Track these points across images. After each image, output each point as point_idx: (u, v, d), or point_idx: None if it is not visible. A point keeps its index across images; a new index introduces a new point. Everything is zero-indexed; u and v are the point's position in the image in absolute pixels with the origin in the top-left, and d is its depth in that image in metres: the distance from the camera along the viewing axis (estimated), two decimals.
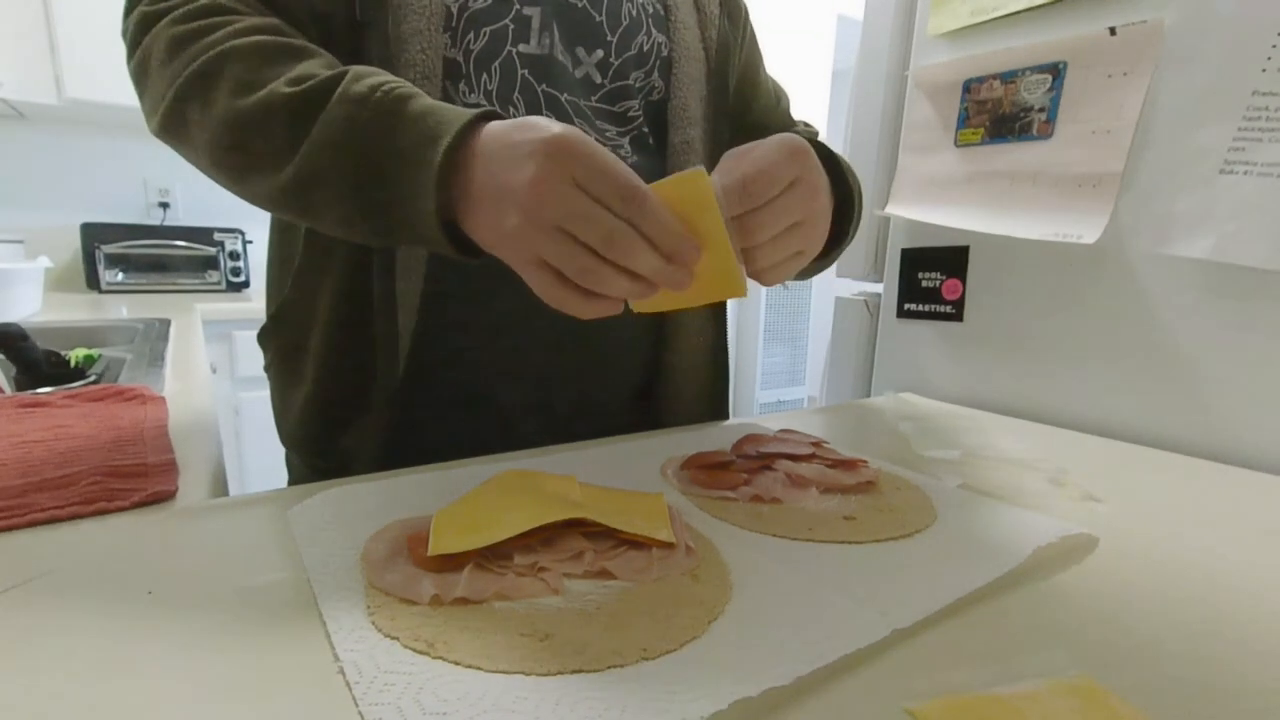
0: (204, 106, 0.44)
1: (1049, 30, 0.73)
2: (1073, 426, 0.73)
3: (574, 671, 0.26)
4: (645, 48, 0.59)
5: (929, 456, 0.60)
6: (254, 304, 1.78)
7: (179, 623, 0.30)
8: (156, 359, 0.95)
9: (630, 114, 0.58)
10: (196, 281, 1.98)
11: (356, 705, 0.24)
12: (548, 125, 0.37)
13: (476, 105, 0.51)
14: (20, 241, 1.75)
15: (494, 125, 0.39)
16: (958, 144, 0.82)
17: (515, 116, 0.49)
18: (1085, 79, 0.70)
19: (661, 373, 0.66)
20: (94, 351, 0.95)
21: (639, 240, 0.36)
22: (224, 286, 2.01)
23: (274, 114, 0.42)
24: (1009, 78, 0.76)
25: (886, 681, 0.28)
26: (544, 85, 0.54)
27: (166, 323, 1.30)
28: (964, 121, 0.81)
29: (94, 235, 1.85)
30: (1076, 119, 0.71)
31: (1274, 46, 0.58)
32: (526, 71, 0.53)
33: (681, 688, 0.25)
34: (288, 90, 0.41)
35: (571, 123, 0.54)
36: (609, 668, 0.27)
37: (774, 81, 0.78)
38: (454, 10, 0.50)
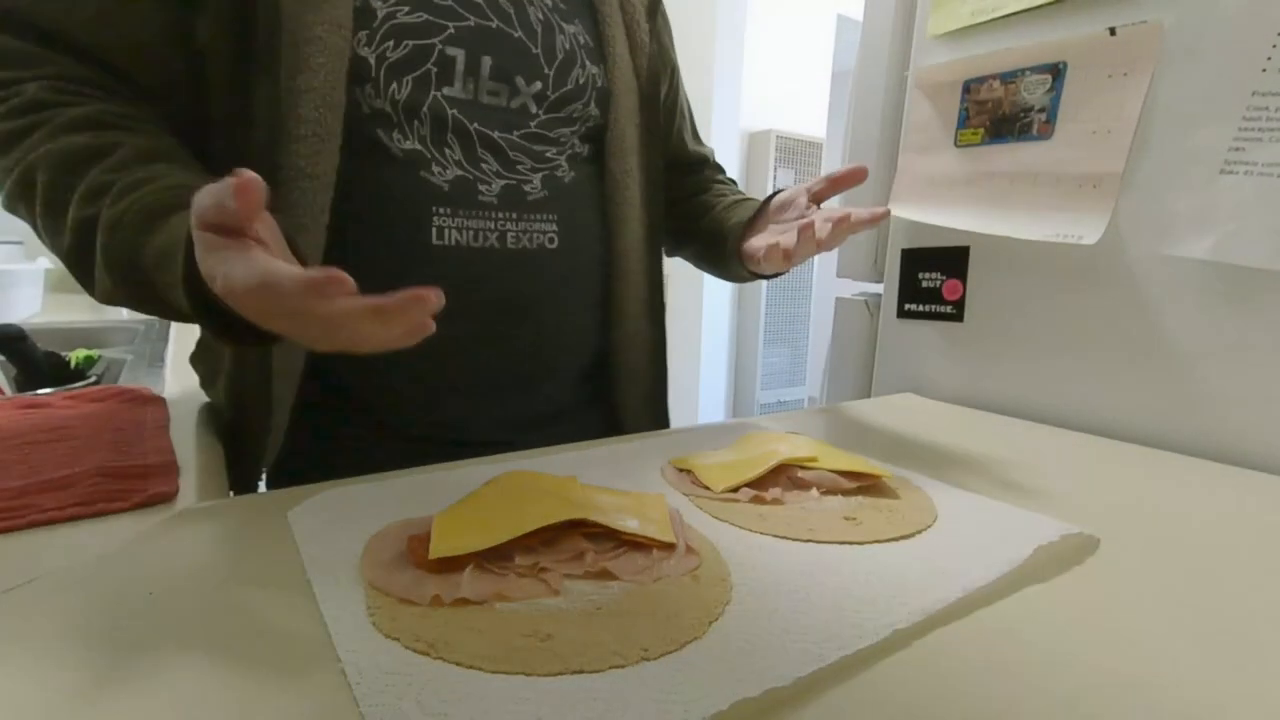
0: (30, 218, 0.47)
1: (1049, 30, 0.73)
2: (1073, 427, 0.73)
3: (575, 672, 0.26)
4: (581, 80, 0.60)
5: (929, 457, 0.60)
6: None
7: (179, 624, 0.29)
8: (157, 360, 0.95)
9: (564, 139, 0.60)
10: None
11: (357, 706, 0.24)
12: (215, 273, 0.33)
13: (413, 150, 0.53)
14: (20, 243, 1.75)
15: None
16: (958, 144, 0.82)
17: (452, 156, 0.54)
18: (1085, 79, 0.70)
19: (608, 364, 0.68)
20: (94, 352, 0.95)
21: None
22: None
23: (69, 251, 0.44)
24: (1009, 78, 0.76)
25: (887, 682, 0.28)
26: (475, 124, 0.55)
27: (167, 324, 1.30)
28: (964, 122, 0.81)
29: None
30: (1077, 119, 0.71)
31: (1274, 46, 0.58)
32: (455, 112, 0.54)
33: (682, 688, 0.25)
34: (76, 218, 0.43)
35: (507, 157, 0.56)
36: (610, 668, 0.27)
37: (687, 105, 0.81)
38: (372, 61, 0.50)
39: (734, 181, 0.84)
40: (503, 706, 0.24)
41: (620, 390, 0.69)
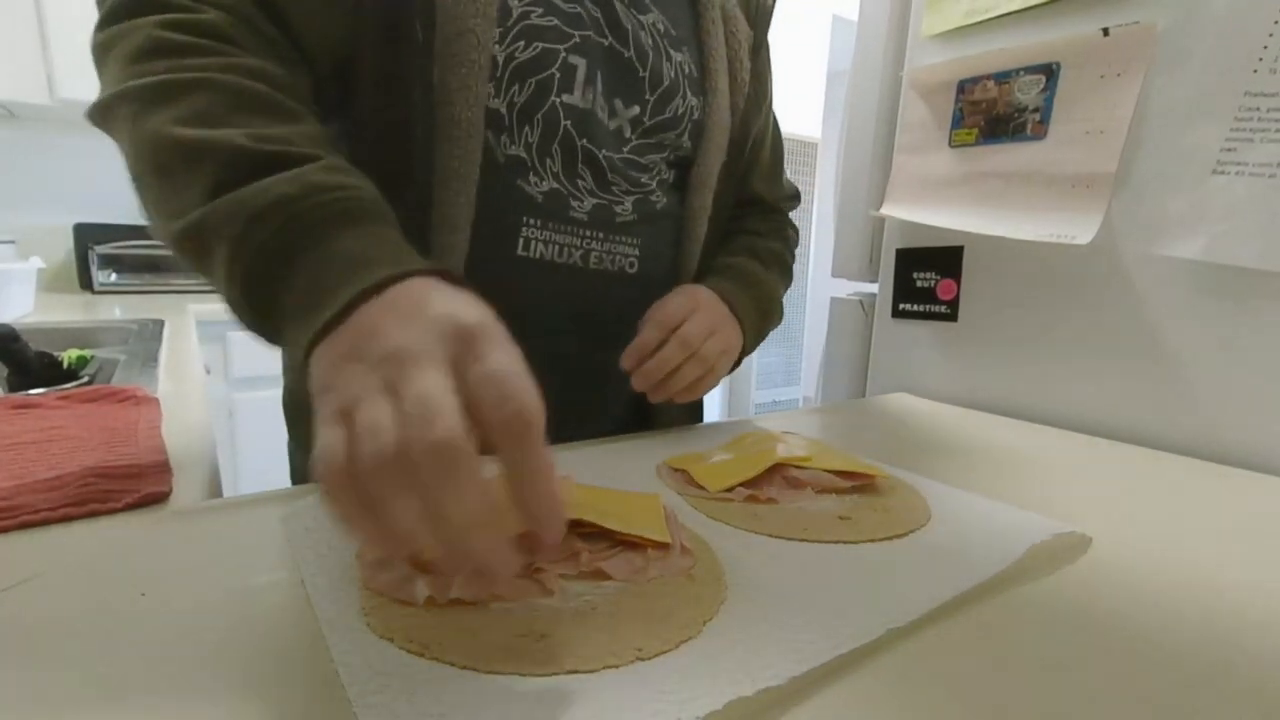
0: (137, 116, 0.39)
1: (1043, 31, 0.73)
2: (1066, 426, 0.73)
3: (569, 672, 0.26)
4: (680, 110, 0.58)
5: (923, 456, 0.60)
6: None
7: (172, 625, 0.29)
8: (150, 360, 0.95)
9: (654, 165, 0.59)
10: (190, 282, 1.96)
11: (351, 707, 0.24)
12: (471, 309, 0.29)
13: (516, 157, 0.51)
14: (12, 242, 1.74)
15: (424, 283, 0.31)
16: (952, 144, 0.82)
17: (551, 168, 0.53)
18: (1079, 80, 0.70)
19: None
20: (87, 352, 0.94)
21: (474, 467, 0.25)
22: None
23: (213, 156, 0.36)
24: (1003, 78, 0.76)
25: (882, 681, 0.28)
26: (584, 140, 0.53)
27: (160, 323, 1.29)
28: (958, 122, 0.81)
29: (87, 235, 1.84)
30: (1070, 119, 0.71)
31: (1265, 48, 0.58)
32: (569, 124, 0.52)
33: (677, 688, 0.25)
34: (242, 144, 0.36)
35: (605, 177, 0.55)
36: (604, 668, 0.27)
37: (777, 138, 0.77)
38: (500, 60, 0.48)
39: (781, 217, 0.78)
40: (497, 707, 0.24)
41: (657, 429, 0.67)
